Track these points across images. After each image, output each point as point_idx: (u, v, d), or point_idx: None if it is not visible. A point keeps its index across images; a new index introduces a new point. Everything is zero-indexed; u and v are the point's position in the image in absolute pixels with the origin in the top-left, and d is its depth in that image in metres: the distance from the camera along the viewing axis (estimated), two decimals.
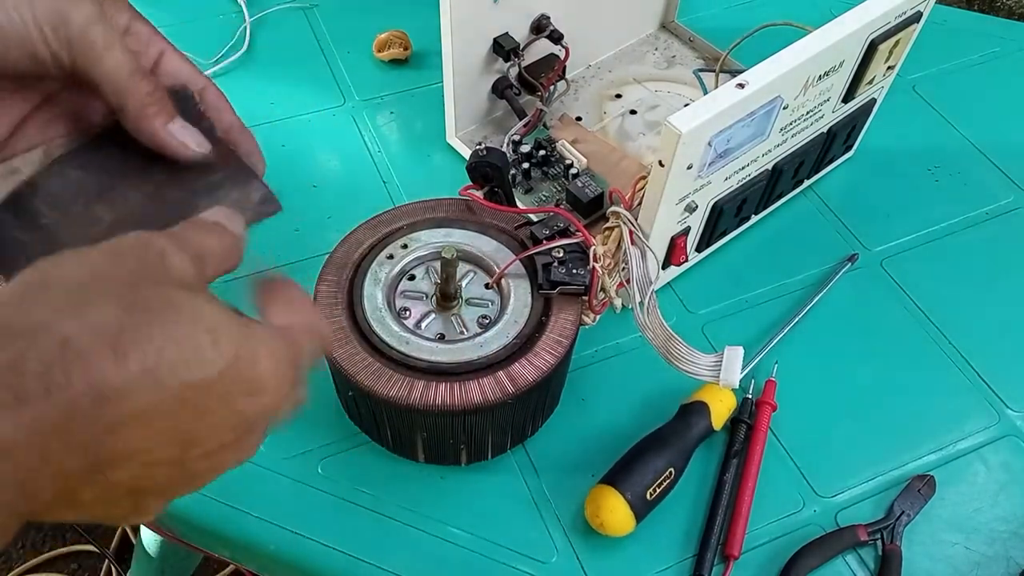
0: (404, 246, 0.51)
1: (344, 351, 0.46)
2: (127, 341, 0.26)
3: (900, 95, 0.76)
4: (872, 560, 0.51)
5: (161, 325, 0.27)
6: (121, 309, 0.26)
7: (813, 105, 0.56)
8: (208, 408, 0.28)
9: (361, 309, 0.48)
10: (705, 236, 0.59)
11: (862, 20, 0.53)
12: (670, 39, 0.79)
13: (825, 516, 0.52)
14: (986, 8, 2.05)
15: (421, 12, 0.76)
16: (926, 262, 0.65)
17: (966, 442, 0.56)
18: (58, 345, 0.25)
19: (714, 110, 0.46)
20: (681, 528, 0.51)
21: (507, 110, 0.70)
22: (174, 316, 0.27)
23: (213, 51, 0.78)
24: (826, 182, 0.70)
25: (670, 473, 0.50)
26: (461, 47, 0.62)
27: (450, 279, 0.48)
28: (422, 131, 0.72)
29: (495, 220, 0.52)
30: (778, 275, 0.64)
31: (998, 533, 0.52)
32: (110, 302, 0.27)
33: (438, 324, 0.49)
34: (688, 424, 0.52)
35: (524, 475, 0.53)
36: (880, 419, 0.56)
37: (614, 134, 0.70)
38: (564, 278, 0.48)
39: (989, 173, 0.72)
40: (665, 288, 0.62)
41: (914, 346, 0.60)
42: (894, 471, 0.54)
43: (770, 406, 0.55)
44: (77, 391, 0.24)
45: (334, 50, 0.80)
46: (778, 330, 0.60)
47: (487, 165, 0.52)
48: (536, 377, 0.45)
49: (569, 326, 0.48)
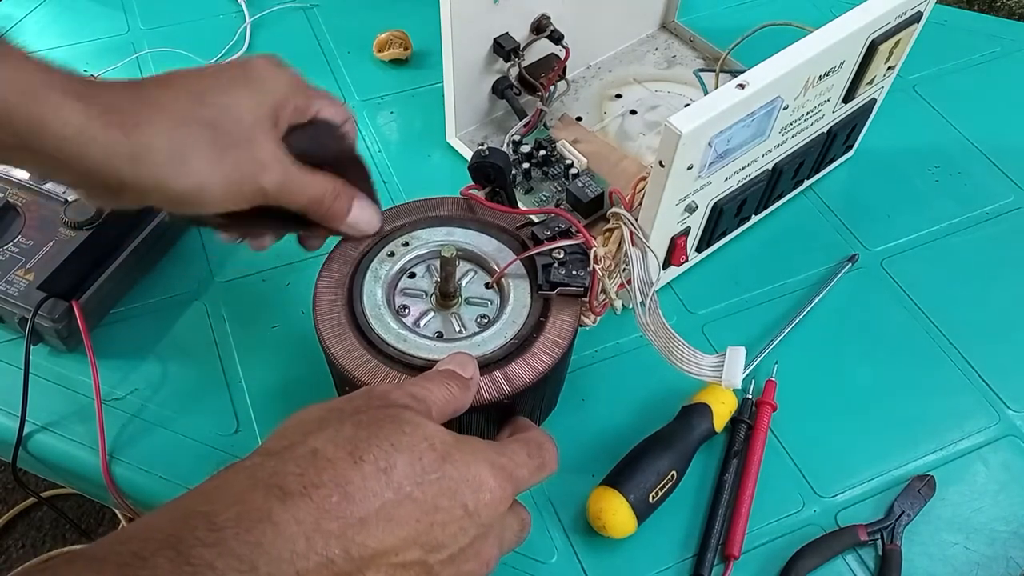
0: (405, 244, 0.51)
1: (341, 347, 0.46)
2: (362, 448, 0.32)
3: (900, 95, 0.76)
4: (872, 560, 0.51)
5: (387, 435, 0.33)
6: (354, 426, 0.33)
7: (813, 105, 0.56)
8: (439, 504, 0.33)
9: (360, 305, 0.48)
10: (705, 236, 0.59)
11: (862, 20, 0.53)
12: (670, 39, 0.79)
13: (825, 516, 0.52)
14: (986, 8, 2.05)
15: (421, 12, 0.76)
16: (926, 262, 0.65)
17: (966, 442, 0.56)
18: (310, 454, 0.31)
19: (714, 110, 0.46)
20: (681, 528, 0.51)
21: (507, 110, 0.70)
22: (398, 428, 0.33)
23: (213, 51, 0.78)
24: (826, 182, 0.70)
25: (672, 475, 0.50)
26: (461, 47, 0.62)
27: (449, 278, 0.48)
28: (422, 131, 0.72)
29: (497, 220, 0.52)
30: (778, 275, 0.64)
31: (998, 533, 0.52)
32: (346, 422, 0.33)
33: (437, 322, 0.49)
34: (690, 426, 0.52)
35: None
36: (880, 419, 0.56)
37: (614, 134, 0.70)
38: (563, 279, 0.48)
39: (989, 173, 0.72)
40: (665, 288, 0.62)
41: (914, 346, 0.60)
42: (894, 471, 0.54)
43: (770, 406, 0.55)
44: (328, 489, 0.30)
45: (334, 50, 0.80)
46: (778, 330, 0.60)
47: (489, 166, 0.52)
48: (532, 378, 0.45)
49: (567, 327, 0.47)
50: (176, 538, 0.28)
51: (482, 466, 0.34)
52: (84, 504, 1.22)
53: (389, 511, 0.31)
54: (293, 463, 0.31)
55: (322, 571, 0.29)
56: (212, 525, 0.28)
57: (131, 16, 0.82)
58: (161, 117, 0.39)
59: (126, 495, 0.53)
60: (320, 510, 0.30)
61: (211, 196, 0.41)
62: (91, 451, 0.53)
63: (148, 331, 0.59)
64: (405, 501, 0.32)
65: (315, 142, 0.46)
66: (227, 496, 0.30)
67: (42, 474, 0.59)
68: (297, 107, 0.44)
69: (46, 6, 0.83)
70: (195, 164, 0.40)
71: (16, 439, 0.53)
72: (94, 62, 0.77)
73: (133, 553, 0.27)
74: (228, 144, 0.40)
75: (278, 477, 0.30)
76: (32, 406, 0.54)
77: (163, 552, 0.27)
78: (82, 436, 0.54)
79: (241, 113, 0.41)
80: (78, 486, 0.59)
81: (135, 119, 0.38)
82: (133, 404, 0.55)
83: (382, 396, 0.36)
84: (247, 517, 0.29)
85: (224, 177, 0.40)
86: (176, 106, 0.40)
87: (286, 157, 0.43)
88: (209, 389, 0.56)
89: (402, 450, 0.32)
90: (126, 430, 0.54)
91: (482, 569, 0.35)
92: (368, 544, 0.30)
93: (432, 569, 0.33)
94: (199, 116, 0.40)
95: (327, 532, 0.29)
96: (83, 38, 0.80)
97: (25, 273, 0.55)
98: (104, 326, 0.59)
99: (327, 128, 0.47)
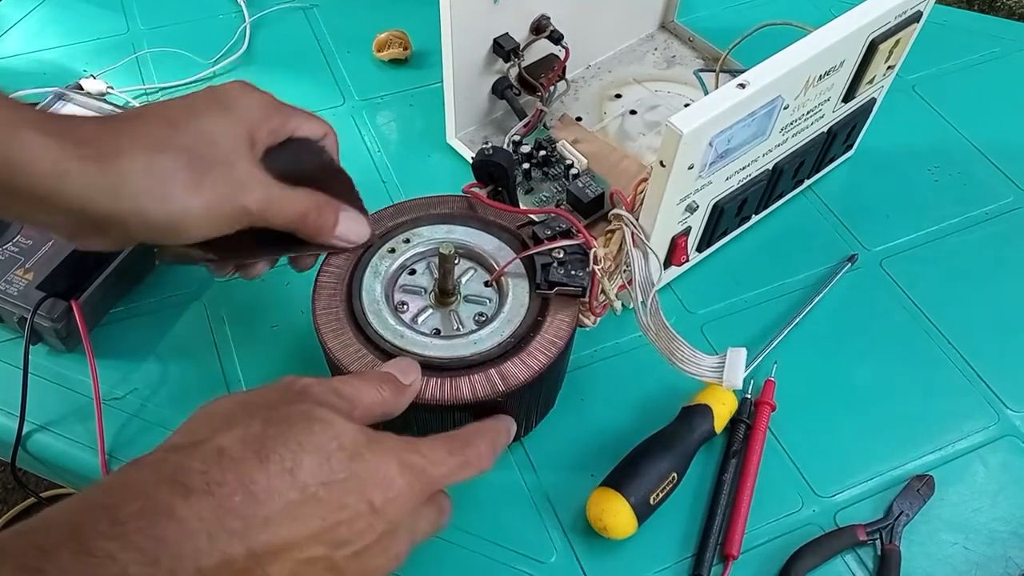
0: (406, 241, 0.51)
1: (338, 342, 0.46)
2: (269, 447, 0.32)
3: (900, 95, 0.76)
4: (871, 560, 0.51)
5: (296, 434, 0.33)
6: (263, 423, 0.33)
7: (813, 105, 0.56)
8: (345, 503, 0.33)
9: (359, 301, 0.48)
10: (706, 236, 0.59)
11: (862, 20, 0.53)
12: (670, 39, 0.79)
13: (824, 516, 0.52)
14: (986, 8, 2.05)
15: (421, 12, 0.76)
16: (926, 262, 0.65)
17: (965, 442, 0.56)
18: (215, 452, 0.31)
19: (715, 110, 0.46)
20: (680, 528, 0.51)
21: (507, 110, 0.70)
22: (307, 427, 0.33)
23: (213, 51, 0.78)
24: (826, 182, 0.70)
25: (673, 477, 0.50)
26: (461, 47, 0.62)
27: (448, 275, 0.48)
28: (422, 131, 0.72)
29: (498, 218, 0.52)
30: (778, 275, 0.64)
31: (997, 533, 0.52)
32: (256, 420, 0.33)
33: (435, 319, 0.49)
34: (691, 427, 0.52)
35: (523, 475, 0.53)
36: (880, 419, 0.56)
37: (614, 134, 0.70)
38: (562, 279, 0.48)
39: (989, 173, 0.72)
40: (665, 288, 0.62)
41: (913, 346, 0.60)
42: (893, 471, 0.54)
43: (769, 406, 0.55)
44: (231, 488, 0.30)
45: (334, 50, 0.80)
46: (778, 330, 0.60)
47: (492, 164, 0.52)
48: (527, 376, 0.45)
49: (565, 327, 0.47)
50: (78, 530, 0.28)
51: (391, 465, 0.35)
52: None
53: (293, 510, 0.31)
54: (199, 460, 0.31)
55: (224, 569, 0.29)
56: (115, 519, 0.28)
57: (131, 16, 0.82)
58: (136, 146, 0.39)
59: None
60: (222, 508, 0.30)
61: (194, 222, 0.40)
62: (90, 451, 0.53)
63: (148, 331, 0.59)
64: (310, 500, 0.32)
65: (294, 159, 0.46)
66: (130, 491, 0.30)
67: (42, 474, 0.59)
68: (272, 129, 0.44)
69: (46, 6, 0.83)
70: (174, 191, 0.39)
71: (15, 439, 0.53)
72: (94, 62, 0.77)
73: (35, 545, 0.27)
74: (206, 167, 0.40)
75: (182, 473, 0.30)
76: (31, 406, 0.53)
77: (66, 544, 0.27)
78: (81, 436, 0.54)
79: (216, 136, 0.41)
80: (78, 486, 0.59)
81: (110, 150, 0.38)
82: (132, 404, 0.55)
83: (301, 391, 0.36)
84: (150, 512, 0.29)
85: (205, 202, 0.40)
86: (150, 134, 0.40)
87: (266, 176, 0.43)
88: (209, 389, 0.56)
89: (309, 450, 0.32)
90: (125, 430, 0.54)
91: (391, 563, 0.35)
92: (271, 542, 0.30)
93: (338, 565, 0.33)
94: (174, 142, 0.40)
95: (230, 530, 0.30)
96: (83, 38, 0.80)
97: (24, 273, 0.55)
98: (103, 326, 0.59)
99: (305, 145, 0.47)
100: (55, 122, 0.38)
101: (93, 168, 0.37)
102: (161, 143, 0.39)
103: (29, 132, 0.36)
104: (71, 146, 0.37)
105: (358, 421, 0.36)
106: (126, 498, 0.29)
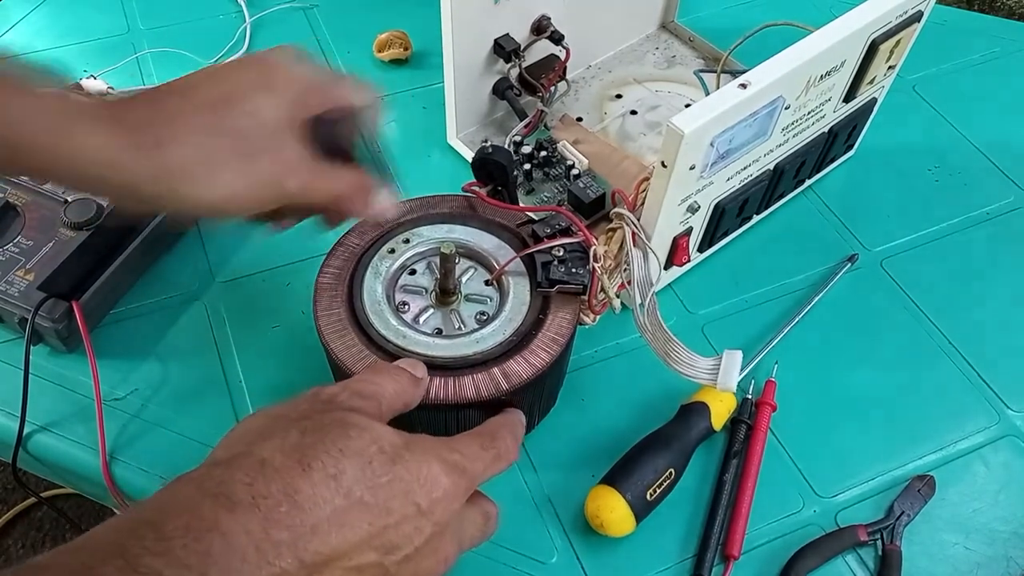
0: (406, 240, 0.51)
1: (341, 343, 0.46)
2: (310, 455, 0.32)
3: (900, 95, 0.76)
4: (872, 560, 0.51)
5: (334, 440, 0.33)
6: (300, 433, 0.33)
7: (814, 105, 0.56)
8: (391, 507, 0.33)
9: (360, 301, 0.48)
10: (707, 236, 0.59)
11: (863, 20, 0.53)
12: (670, 39, 0.79)
13: (825, 516, 0.52)
14: (986, 8, 2.05)
15: (421, 12, 0.76)
16: (926, 262, 0.65)
17: (966, 442, 0.56)
18: (258, 464, 0.31)
19: (716, 110, 0.46)
20: (681, 528, 0.51)
21: (508, 111, 0.70)
22: (344, 432, 0.33)
23: (213, 51, 0.78)
24: (827, 182, 0.70)
25: (670, 473, 0.50)
26: (462, 48, 0.62)
27: (449, 274, 0.48)
28: (423, 131, 0.72)
29: (498, 217, 0.52)
30: (778, 275, 0.64)
31: (998, 533, 0.52)
32: (292, 430, 0.33)
33: (436, 319, 0.49)
34: (688, 425, 0.52)
35: (523, 475, 0.53)
36: (880, 419, 0.56)
37: (615, 134, 0.70)
38: (563, 277, 0.48)
39: (989, 173, 0.72)
40: (665, 288, 0.62)
41: (914, 346, 0.60)
42: (894, 471, 0.54)
43: (770, 406, 0.55)
44: (276, 499, 0.30)
45: (334, 50, 0.80)
46: (778, 330, 0.60)
47: (492, 163, 0.52)
48: (530, 374, 0.45)
49: (566, 325, 0.48)
50: (124, 547, 0.28)
51: (433, 464, 0.35)
52: (84, 504, 1.22)
53: (340, 517, 0.31)
54: (241, 472, 0.31)
55: None
56: (160, 534, 0.28)
57: (131, 16, 0.82)
58: (186, 132, 0.39)
59: (126, 495, 0.53)
60: (269, 520, 0.30)
61: (239, 204, 0.41)
62: (91, 451, 0.53)
63: (148, 331, 0.59)
64: (356, 506, 0.32)
65: (336, 133, 0.45)
66: (175, 506, 0.30)
67: (42, 474, 0.59)
68: (317, 102, 0.44)
69: (46, 6, 0.83)
70: (224, 176, 0.40)
71: (16, 439, 0.53)
72: (94, 62, 0.77)
73: (82, 563, 0.27)
74: (254, 151, 0.41)
75: (226, 487, 0.30)
76: (32, 406, 0.53)
77: (111, 561, 0.27)
78: (82, 436, 0.54)
79: (264, 118, 0.41)
80: (78, 486, 0.59)
81: (161, 138, 0.39)
82: (133, 404, 0.55)
83: (328, 400, 0.36)
84: (195, 527, 0.29)
85: (251, 185, 0.41)
86: (199, 118, 0.40)
87: (309, 156, 0.43)
88: (209, 389, 0.56)
89: (350, 455, 0.32)
90: (126, 430, 0.54)
91: (440, 566, 0.35)
92: (321, 551, 0.30)
93: (388, 570, 0.33)
94: (222, 127, 0.40)
95: (278, 541, 0.29)
96: (83, 38, 0.80)
97: (25, 273, 0.55)
98: (104, 326, 0.59)
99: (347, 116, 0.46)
100: (107, 108, 0.39)
101: (144, 156, 0.38)
102: (209, 128, 0.40)
103: (84, 123, 0.38)
104: (124, 133, 0.38)
105: (385, 417, 0.36)
106: (171, 514, 0.29)
